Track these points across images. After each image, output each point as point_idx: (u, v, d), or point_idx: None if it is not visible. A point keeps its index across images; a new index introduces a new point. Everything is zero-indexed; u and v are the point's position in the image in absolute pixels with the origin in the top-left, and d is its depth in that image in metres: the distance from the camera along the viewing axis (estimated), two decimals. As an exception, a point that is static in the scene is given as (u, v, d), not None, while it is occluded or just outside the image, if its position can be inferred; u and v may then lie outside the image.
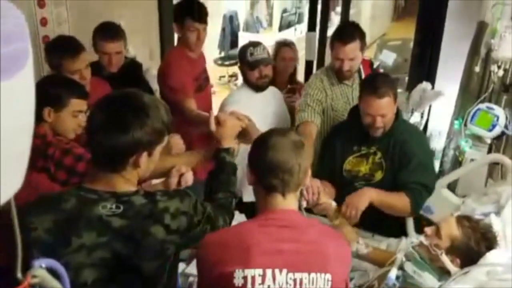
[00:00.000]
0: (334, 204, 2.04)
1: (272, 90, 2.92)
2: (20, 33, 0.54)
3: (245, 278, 1.30)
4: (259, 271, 1.31)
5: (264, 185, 1.44)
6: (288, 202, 1.43)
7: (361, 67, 2.73)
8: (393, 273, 1.78)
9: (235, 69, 7.52)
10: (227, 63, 7.78)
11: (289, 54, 3.54)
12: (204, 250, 1.41)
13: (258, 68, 2.72)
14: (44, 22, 2.83)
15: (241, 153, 1.88)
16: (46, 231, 1.32)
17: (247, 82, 2.80)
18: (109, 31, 2.74)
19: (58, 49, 2.37)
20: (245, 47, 2.80)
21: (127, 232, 1.36)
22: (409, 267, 1.80)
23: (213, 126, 1.86)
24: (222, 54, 8.05)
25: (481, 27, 3.19)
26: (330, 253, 1.39)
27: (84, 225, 1.34)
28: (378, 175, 2.36)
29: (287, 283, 1.32)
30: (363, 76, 2.74)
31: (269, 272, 1.31)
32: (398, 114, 2.32)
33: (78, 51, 2.34)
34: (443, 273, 1.76)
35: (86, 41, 2.55)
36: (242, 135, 1.95)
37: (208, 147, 1.98)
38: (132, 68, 3.02)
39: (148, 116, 1.36)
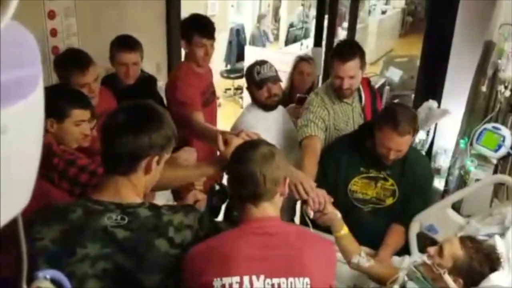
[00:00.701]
0: (339, 214, 2.02)
1: (281, 109, 2.87)
2: (31, 58, 0.54)
3: (223, 286, 1.32)
4: (236, 279, 1.32)
5: (237, 196, 1.49)
6: (263, 211, 1.46)
7: (360, 86, 2.69)
8: (396, 292, 1.76)
9: (241, 82, 7.56)
10: (233, 76, 7.84)
11: (306, 68, 3.53)
12: (189, 262, 1.41)
13: (266, 86, 2.66)
14: (54, 33, 2.86)
15: None
16: (52, 241, 1.33)
17: (256, 102, 2.74)
18: (126, 42, 2.79)
19: (66, 64, 2.37)
20: (251, 67, 2.75)
21: (130, 244, 1.37)
22: (412, 287, 1.79)
23: (221, 146, 1.87)
24: (228, 67, 8.11)
25: (488, 47, 3.19)
26: (309, 257, 1.40)
27: (89, 236, 1.35)
28: (389, 201, 2.37)
29: None
30: (362, 95, 2.70)
31: (246, 279, 1.33)
32: None
33: (87, 65, 2.34)
34: (446, 294, 1.75)
35: (96, 52, 2.56)
36: None
37: (212, 161, 1.99)
38: (147, 83, 3.05)
39: (164, 122, 1.43)
